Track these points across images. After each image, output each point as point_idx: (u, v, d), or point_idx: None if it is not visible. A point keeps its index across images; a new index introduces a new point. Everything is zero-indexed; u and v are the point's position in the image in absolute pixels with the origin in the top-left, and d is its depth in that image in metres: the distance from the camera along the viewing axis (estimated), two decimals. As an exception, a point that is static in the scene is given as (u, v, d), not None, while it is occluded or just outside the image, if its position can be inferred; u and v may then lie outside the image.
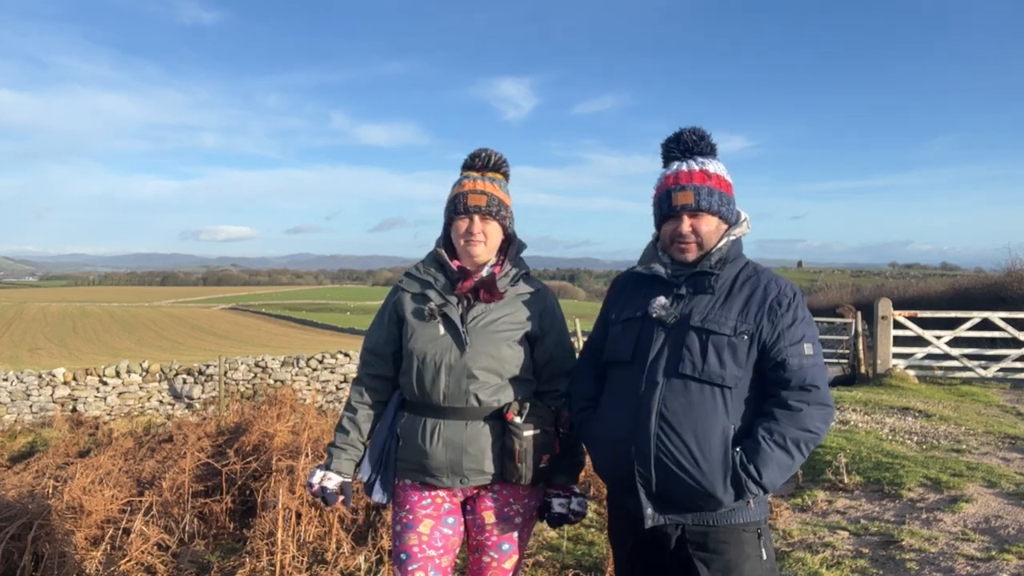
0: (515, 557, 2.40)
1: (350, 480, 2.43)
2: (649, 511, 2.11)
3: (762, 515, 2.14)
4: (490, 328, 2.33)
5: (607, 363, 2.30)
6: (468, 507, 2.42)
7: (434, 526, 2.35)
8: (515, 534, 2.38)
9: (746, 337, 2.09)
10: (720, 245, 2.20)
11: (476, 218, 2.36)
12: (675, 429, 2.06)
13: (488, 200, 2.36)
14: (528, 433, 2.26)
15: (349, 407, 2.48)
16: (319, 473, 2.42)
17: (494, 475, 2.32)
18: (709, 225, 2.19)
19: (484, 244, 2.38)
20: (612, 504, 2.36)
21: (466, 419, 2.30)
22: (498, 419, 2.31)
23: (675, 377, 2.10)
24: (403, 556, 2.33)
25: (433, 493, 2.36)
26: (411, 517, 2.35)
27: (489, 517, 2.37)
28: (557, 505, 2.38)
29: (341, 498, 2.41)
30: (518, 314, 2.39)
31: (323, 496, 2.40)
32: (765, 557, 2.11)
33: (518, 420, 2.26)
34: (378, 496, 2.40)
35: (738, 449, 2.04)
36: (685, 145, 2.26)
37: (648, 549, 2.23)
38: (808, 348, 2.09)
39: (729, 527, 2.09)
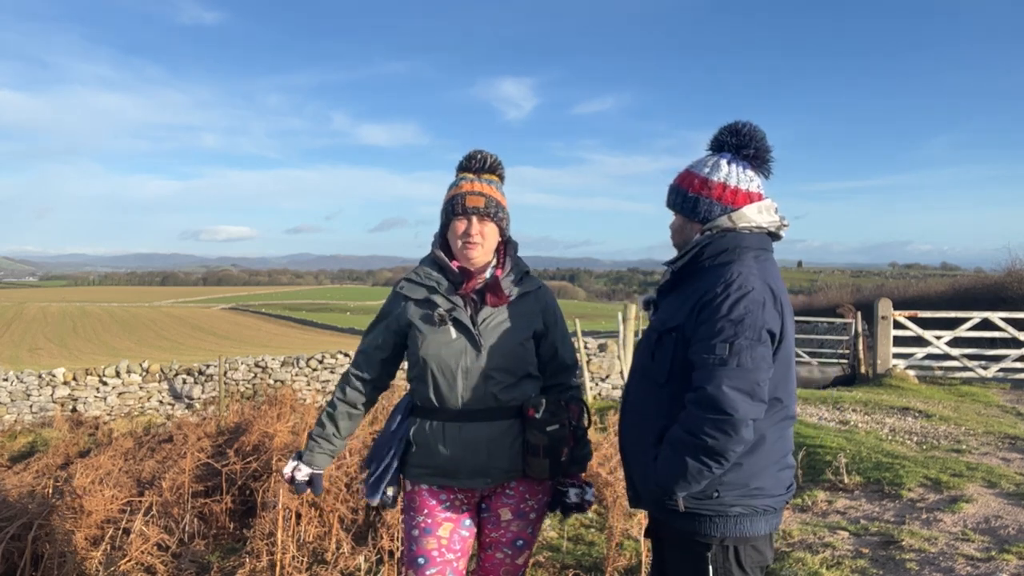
0: (527, 553, 2.44)
1: (320, 473, 2.51)
2: (631, 493, 2.25)
3: (718, 532, 2.02)
4: (501, 328, 2.35)
5: None
6: (484, 505, 2.43)
7: (453, 529, 2.36)
8: (529, 530, 2.43)
9: (673, 334, 2.06)
10: (692, 241, 2.16)
11: (474, 219, 2.36)
12: (627, 422, 2.23)
13: (486, 202, 2.36)
14: (550, 428, 2.29)
15: (331, 403, 2.54)
16: (292, 463, 2.51)
17: (514, 474, 2.35)
18: (674, 224, 2.27)
19: (482, 246, 2.38)
20: None
21: (486, 420, 2.31)
22: (517, 417, 2.33)
23: (634, 373, 2.27)
24: (421, 560, 2.33)
25: (452, 496, 2.38)
26: (429, 521, 2.35)
27: (506, 514, 2.39)
28: (573, 495, 2.45)
29: (309, 489, 2.50)
30: (524, 313, 2.41)
31: (293, 484, 2.49)
32: None
33: (539, 416, 2.29)
34: (388, 503, 2.43)
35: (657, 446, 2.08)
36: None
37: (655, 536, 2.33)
38: (723, 348, 1.91)
39: (682, 532, 2.07)
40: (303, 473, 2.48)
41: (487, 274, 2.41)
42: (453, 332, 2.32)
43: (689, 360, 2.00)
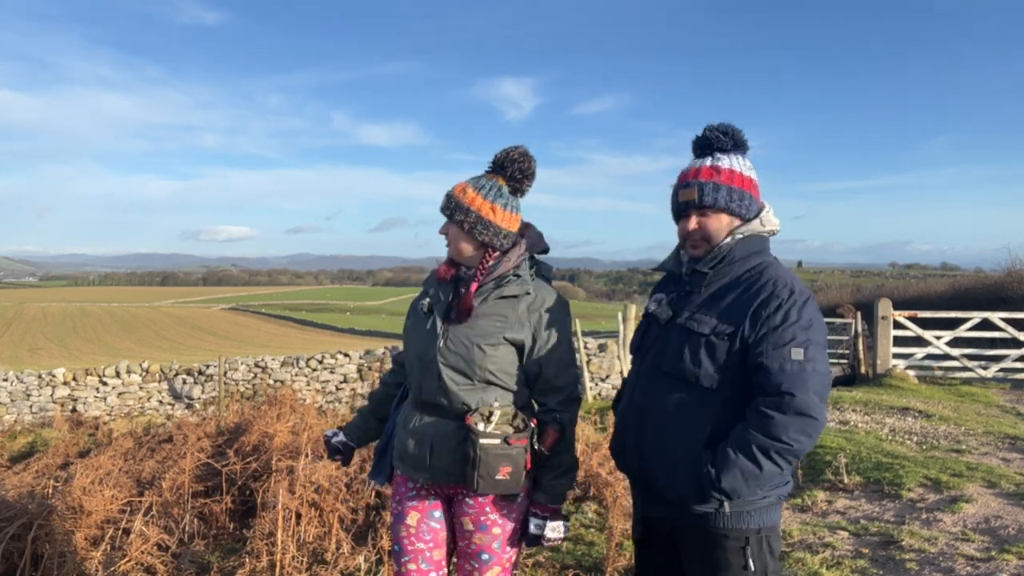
0: (496, 568, 2.32)
1: (351, 445, 2.65)
2: (639, 502, 2.21)
3: (755, 524, 2.06)
4: (467, 329, 2.27)
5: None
6: (452, 510, 2.40)
7: (420, 519, 2.37)
8: (494, 545, 2.30)
9: (725, 337, 2.04)
10: (724, 243, 2.16)
11: (446, 219, 2.40)
12: (653, 425, 2.14)
13: (445, 202, 2.36)
14: (485, 441, 2.15)
15: (379, 383, 2.69)
16: (335, 430, 2.68)
17: (456, 478, 2.28)
18: (718, 222, 2.15)
19: (451, 246, 2.38)
20: (632, 494, 2.41)
21: (438, 417, 2.30)
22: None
23: (658, 373, 2.16)
24: (396, 548, 2.39)
25: (418, 485, 2.39)
26: (400, 509, 2.41)
27: (467, 524, 2.32)
28: (533, 526, 2.31)
29: (339, 456, 2.64)
30: (502, 317, 2.28)
31: (328, 446, 2.65)
32: (752, 569, 2.04)
33: (479, 427, 2.17)
34: (372, 476, 2.54)
35: (708, 451, 2.03)
36: (704, 141, 2.24)
37: (652, 541, 2.27)
38: (797, 352, 1.95)
39: (714, 530, 2.07)
40: (338, 438, 2.64)
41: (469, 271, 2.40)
42: (428, 324, 2.35)
43: (754, 364, 1.99)
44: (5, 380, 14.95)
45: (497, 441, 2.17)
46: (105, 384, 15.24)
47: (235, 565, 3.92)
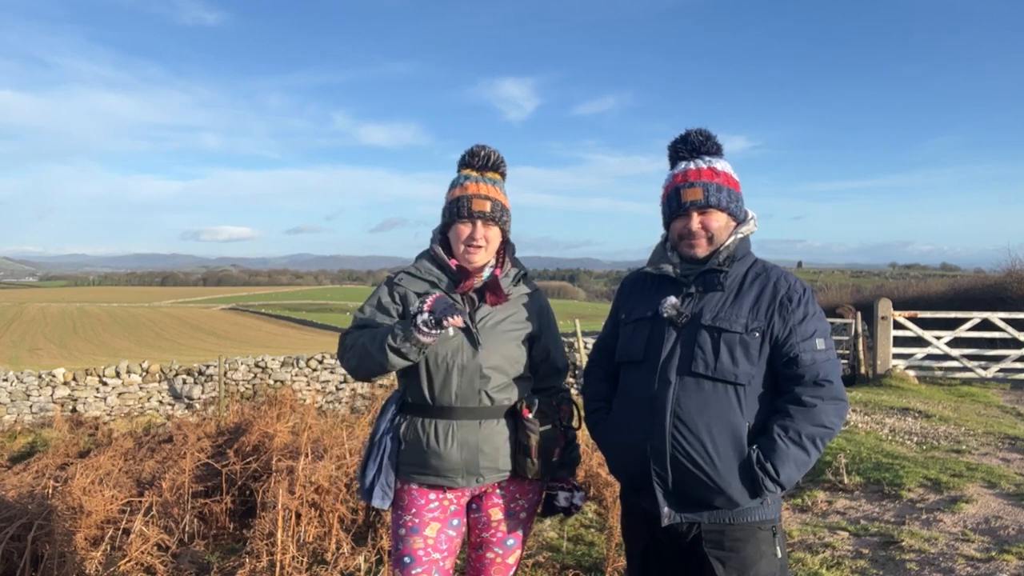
0: (518, 552, 2.44)
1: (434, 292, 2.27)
2: (666, 510, 2.12)
3: (776, 513, 2.14)
4: (499, 328, 2.36)
5: (619, 364, 2.34)
6: (474, 506, 2.42)
7: (440, 529, 2.33)
8: (520, 529, 2.43)
9: (758, 334, 2.10)
10: (728, 242, 2.22)
11: (479, 223, 2.35)
12: (689, 428, 2.09)
13: (492, 205, 2.36)
14: (542, 428, 2.32)
15: (355, 343, 2.32)
16: (419, 308, 2.14)
17: (507, 472, 2.35)
18: (719, 221, 2.22)
19: (485, 249, 2.39)
20: (626, 502, 2.38)
21: (479, 418, 2.31)
22: (510, 416, 2.34)
23: (688, 376, 2.12)
24: (407, 560, 2.30)
25: (441, 496, 2.35)
26: (417, 521, 2.33)
27: (496, 514, 2.39)
28: (563, 499, 2.44)
29: (457, 314, 2.15)
30: (520, 314, 2.43)
31: (440, 313, 2.11)
32: (780, 555, 2.12)
33: (533, 416, 2.31)
34: (378, 502, 2.34)
35: (754, 447, 2.06)
36: (692, 145, 2.28)
37: (662, 547, 2.24)
38: (820, 343, 2.11)
39: (745, 525, 2.10)
40: (434, 295, 2.21)
41: (485, 274, 2.41)
42: (451, 329, 2.28)
43: (788, 358, 2.10)
44: (5, 380, 14.95)
45: (550, 427, 2.34)
46: (105, 384, 15.23)
47: (235, 565, 3.92)
